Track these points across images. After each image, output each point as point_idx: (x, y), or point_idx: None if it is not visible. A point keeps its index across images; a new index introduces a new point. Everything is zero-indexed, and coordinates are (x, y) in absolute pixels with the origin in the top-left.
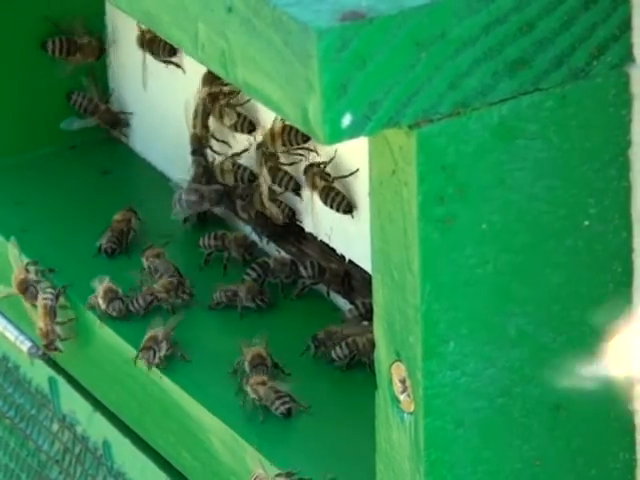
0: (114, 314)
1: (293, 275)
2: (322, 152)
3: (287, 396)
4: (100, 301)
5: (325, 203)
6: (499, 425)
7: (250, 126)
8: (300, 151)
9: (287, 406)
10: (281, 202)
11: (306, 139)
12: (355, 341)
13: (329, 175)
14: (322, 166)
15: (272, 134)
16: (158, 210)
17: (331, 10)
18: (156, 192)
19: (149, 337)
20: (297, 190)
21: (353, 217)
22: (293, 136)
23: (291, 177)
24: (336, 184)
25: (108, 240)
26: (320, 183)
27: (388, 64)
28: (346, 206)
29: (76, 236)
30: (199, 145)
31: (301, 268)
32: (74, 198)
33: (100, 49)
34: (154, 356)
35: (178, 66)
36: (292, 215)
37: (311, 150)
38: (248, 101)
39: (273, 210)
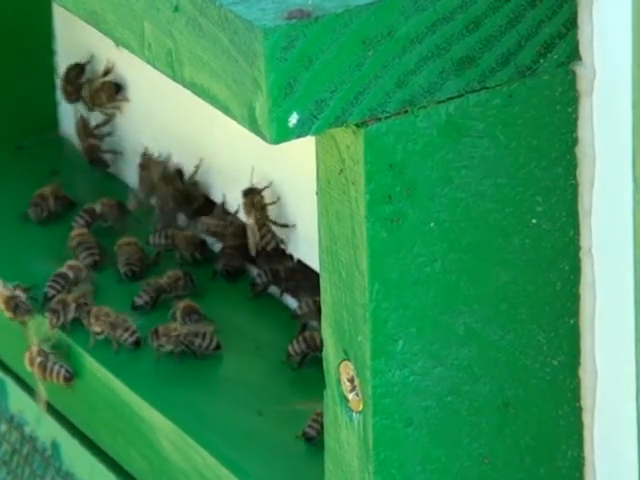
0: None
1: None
2: None
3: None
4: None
5: None
6: (448, 424)
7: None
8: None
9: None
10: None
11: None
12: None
13: None
14: None
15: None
16: None
17: (277, 9)
18: (103, 192)
19: (58, 299)
20: None
21: None
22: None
23: None
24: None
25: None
26: None
27: (335, 63)
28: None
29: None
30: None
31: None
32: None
33: None
34: (58, 319)
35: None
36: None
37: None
38: None
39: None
